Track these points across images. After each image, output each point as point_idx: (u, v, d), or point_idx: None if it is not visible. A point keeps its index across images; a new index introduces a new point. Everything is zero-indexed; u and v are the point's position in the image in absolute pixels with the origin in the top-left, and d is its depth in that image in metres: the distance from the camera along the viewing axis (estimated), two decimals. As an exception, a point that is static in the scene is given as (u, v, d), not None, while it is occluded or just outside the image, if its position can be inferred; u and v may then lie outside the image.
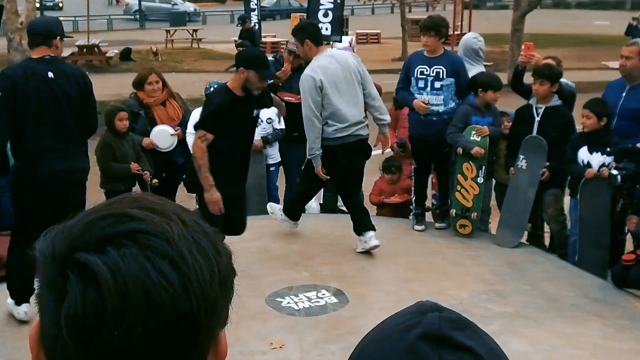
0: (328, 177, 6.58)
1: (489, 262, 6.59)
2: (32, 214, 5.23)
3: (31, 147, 5.27)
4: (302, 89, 6.46)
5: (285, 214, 7.06)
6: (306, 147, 8.01)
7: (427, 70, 7.01)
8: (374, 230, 6.61)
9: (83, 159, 5.51)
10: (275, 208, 7.19)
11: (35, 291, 0.90)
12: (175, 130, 7.43)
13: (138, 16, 41.35)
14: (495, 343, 0.94)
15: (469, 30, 25.41)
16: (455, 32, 21.27)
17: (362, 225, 6.63)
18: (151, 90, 7.43)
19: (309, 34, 6.57)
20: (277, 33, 28.39)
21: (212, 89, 7.56)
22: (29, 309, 5.31)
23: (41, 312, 0.87)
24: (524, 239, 7.12)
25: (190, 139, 7.44)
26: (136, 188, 7.29)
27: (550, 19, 37.67)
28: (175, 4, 45.47)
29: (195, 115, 7.55)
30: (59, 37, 5.40)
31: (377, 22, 38.25)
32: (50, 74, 5.24)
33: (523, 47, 7.38)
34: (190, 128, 7.45)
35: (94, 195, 6.26)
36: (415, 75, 7.05)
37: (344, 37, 20.87)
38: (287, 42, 8.24)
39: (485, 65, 18.31)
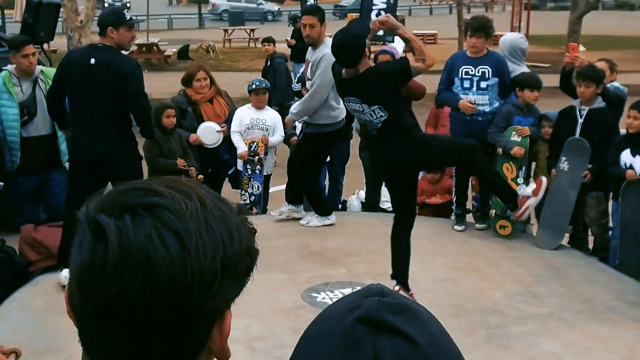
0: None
1: (527, 263, 6.56)
2: (71, 182, 6.10)
3: (71, 123, 6.11)
4: (326, 65, 6.49)
5: (319, 215, 7.25)
6: (348, 142, 8.15)
7: (472, 71, 7.00)
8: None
9: (111, 143, 5.80)
10: (308, 218, 7.34)
11: None
12: (222, 127, 7.59)
13: (226, 16, 41.99)
14: (441, 330, 0.94)
15: (527, 31, 25.15)
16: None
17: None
18: (199, 86, 7.60)
19: (324, 17, 6.95)
20: (333, 33, 28.40)
21: (254, 86, 7.73)
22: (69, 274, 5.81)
23: None
24: (565, 241, 7.06)
25: (235, 136, 7.60)
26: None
27: (612, 20, 36.97)
28: (260, 4, 46.28)
29: (239, 113, 7.70)
30: (110, 27, 5.74)
31: (435, 22, 38.01)
32: (92, 60, 5.74)
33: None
34: (234, 126, 7.60)
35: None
36: (460, 76, 7.05)
37: (397, 37, 20.83)
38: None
39: (542, 67, 17.96)
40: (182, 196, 0.97)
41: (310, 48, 7.02)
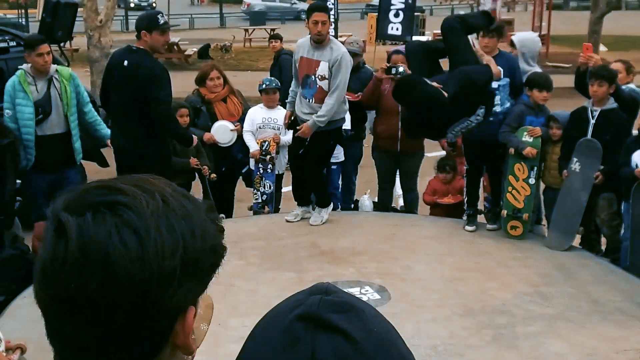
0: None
1: (536, 264, 6.54)
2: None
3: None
4: (346, 65, 6.86)
5: (323, 207, 7.37)
6: (361, 143, 8.17)
7: (483, 71, 6.99)
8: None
9: (129, 141, 6.40)
10: (317, 216, 7.39)
11: None
12: (235, 126, 7.63)
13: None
14: (386, 328, 0.94)
15: (548, 31, 24.96)
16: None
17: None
18: (212, 85, 7.65)
19: None
20: (354, 32, 28.38)
21: (264, 85, 7.78)
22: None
23: None
24: (576, 242, 7.02)
25: (247, 136, 7.64)
26: (196, 182, 7.54)
27: (635, 21, 36.57)
28: (294, 3, 46.57)
29: (251, 113, 7.75)
30: (144, 31, 6.26)
31: (456, 22, 37.80)
32: (125, 62, 6.30)
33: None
34: (246, 126, 7.65)
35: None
36: (472, 76, 7.04)
37: (420, 38, 20.79)
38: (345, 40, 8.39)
39: (563, 67, 17.79)
40: (145, 194, 0.99)
41: (309, 45, 6.98)
